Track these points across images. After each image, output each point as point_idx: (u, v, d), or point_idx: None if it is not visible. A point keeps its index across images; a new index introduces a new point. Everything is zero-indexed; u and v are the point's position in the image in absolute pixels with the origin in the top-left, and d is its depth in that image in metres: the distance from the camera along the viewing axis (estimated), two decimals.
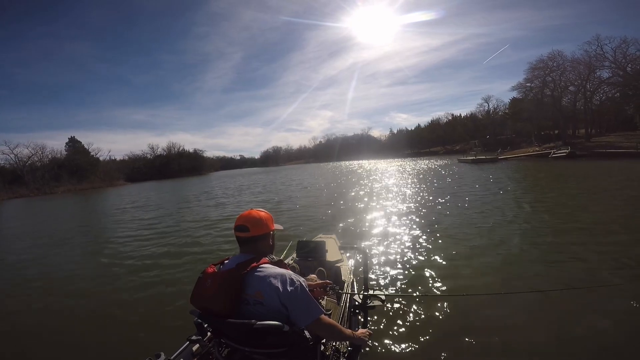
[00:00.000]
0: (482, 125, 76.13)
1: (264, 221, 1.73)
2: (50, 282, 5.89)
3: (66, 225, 13.65)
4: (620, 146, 30.58)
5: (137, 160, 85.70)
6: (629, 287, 3.78)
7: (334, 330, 1.64)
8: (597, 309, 3.35)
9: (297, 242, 3.46)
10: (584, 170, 18.17)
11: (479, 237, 6.32)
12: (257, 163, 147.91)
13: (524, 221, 7.29)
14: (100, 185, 60.57)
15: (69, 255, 7.84)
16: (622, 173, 15.35)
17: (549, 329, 3.07)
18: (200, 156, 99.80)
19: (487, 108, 78.67)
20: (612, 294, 3.62)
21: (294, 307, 1.51)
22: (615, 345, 2.80)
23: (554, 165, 24.41)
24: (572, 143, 37.10)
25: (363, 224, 8.25)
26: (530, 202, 9.53)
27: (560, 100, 45.25)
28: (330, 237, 4.32)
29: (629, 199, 8.87)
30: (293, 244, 3.71)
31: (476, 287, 4.07)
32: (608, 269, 4.39)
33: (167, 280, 5.30)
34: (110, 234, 10.27)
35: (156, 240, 8.61)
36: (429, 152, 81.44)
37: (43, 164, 63.47)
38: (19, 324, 4.24)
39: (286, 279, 1.53)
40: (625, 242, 5.33)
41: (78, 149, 69.95)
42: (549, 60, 44.15)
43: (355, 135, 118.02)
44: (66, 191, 54.44)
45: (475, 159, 34.71)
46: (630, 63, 37.14)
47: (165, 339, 3.31)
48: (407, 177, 22.39)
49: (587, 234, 5.98)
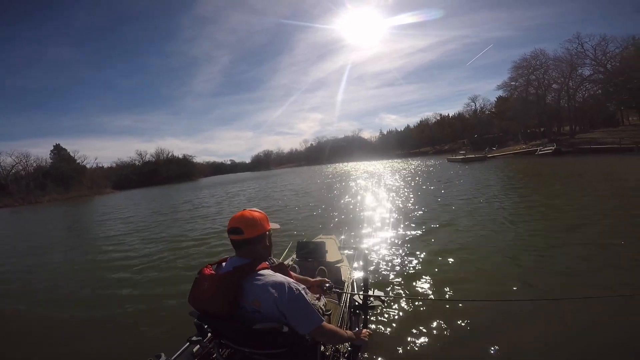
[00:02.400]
0: (470, 124, 77.27)
1: (259, 221, 1.65)
2: (50, 284, 5.88)
3: (56, 232, 13.35)
4: (604, 142, 31.26)
5: (124, 168, 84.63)
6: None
7: (334, 336, 1.63)
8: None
9: (297, 242, 3.46)
10: (574, 167, 18.44)
11: (481, 239, 6.13)
12: (248, 167, 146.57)
13: (527, 223, 6.90)
14: (87, 194, 59.51)
15: (65, 259, 7.80)
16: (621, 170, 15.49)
17: (552, 337, 2.96)
18: (189, 162, 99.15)
19: (474, 107, 80.00)
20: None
21: (293, 316, 1.48)
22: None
23: (541, 162, 24.81)
24: (558, 140, 37.78)
25: (363, 225, 8.19)
26: (532, 204, 9.08)
27: (544, 98, 46.21)
28: (330, 237, 4.32)
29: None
30: (293, 244, 3.72)
31: (477, 290, 4.01)
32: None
33: (167, 281, 5.30)
34: (106, 237, 10.21)
35: (156, 240, 8.59)
36: (418, 153, 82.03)
37: (27, 173, 62.22)
38: (19, 325, 4.26)
39: (284, 288, 1.49)
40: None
41: (63, 157, 68.64)
42: (532, 59, 45.08)
43: (346, 137, 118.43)
44: (52, 200, 53.36)
45: (465, 158, 35.09)
46: (610, 60, 38.16)
47: (166, 340, 3.32)
48: (402, 177, 22.45)
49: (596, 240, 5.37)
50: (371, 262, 5.12)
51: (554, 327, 3.05)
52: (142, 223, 13.03)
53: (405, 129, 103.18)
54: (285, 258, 3.64)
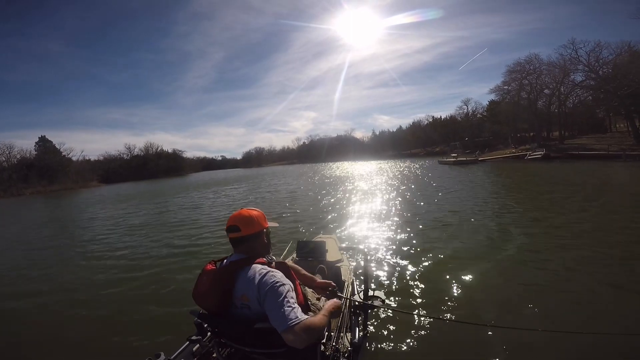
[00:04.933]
0: (461, 127, 77.73)
1: (256, 219, 1.70)
2: (49, 284, 5.73)
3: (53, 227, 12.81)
4: (592, 148, 31.70)
5: (112, 161, 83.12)
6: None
7: (311, 332, 1.39)
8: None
9: (297, 242, 3.50)
10: (565, 173, 18.50)
11: (482, 241, 6.12)
12: (239, 164, 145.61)
13: (526, 231, 6.49)
14: (72, 187, 58.17)
15: (62, 257, 7.66)
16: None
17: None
18: (179, 157, 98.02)
19: (467, 110, 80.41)
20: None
21: (268, 310, 1.42)
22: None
23: (532, 167, 24.93)
24: (547, 145, 38.24)
25: (362, 225, 8.22)
26: (534, 211, 8.54)
27: (535, 103, 46.73)
28: (330, 237, 4.32)
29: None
30: (293, 244, 3.78)
31: (477, 289, 4.01)
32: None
33: (167, 280, 5.25)
34: (102, 235, 9.95)
35: (155, 241, 8.44)
36: (410, 154, 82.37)
37: (10, 164, 60.49)
38: (18, 325, 4.20)
39: (265, 282, 1.46)
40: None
41: (48, 149, 66.93)
42: (526, 64, 45.38)
43: (339, 137, 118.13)
44: (35, 193, 52.12)
45: (457, 160, 35.23)
46: (602, 67, 38.52)
47: (166, 339, 3.29)
48: (398, 178, 22.38)
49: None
50: (371, 262, 5.12)
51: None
52: (139, 220, 12.65)
53: (398, 130, 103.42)
54: (285, 257, 3.64)
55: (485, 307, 3.59)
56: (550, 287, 3.95)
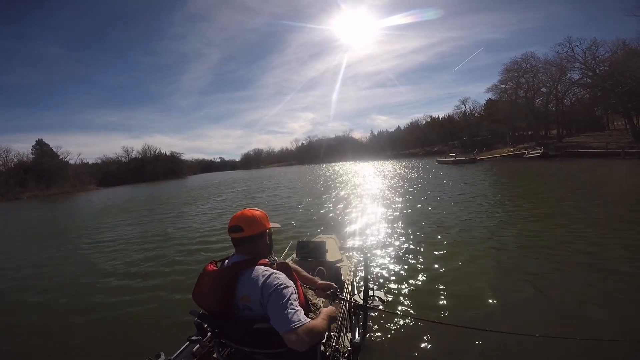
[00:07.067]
0: (459, 126, 77.79)
1: (258, 219, 1.68)
2: (49, 284, 5.78)
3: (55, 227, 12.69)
4: (590, 146, 31.72)
5: (110, 164, 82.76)
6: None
7: (314, 335, 1.40)
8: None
9: (297, 242, 3.50)
10: (565, 171, 18.50)
11: (483, 241, 6.06)
12: (238, 166, 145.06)
13: (530, 231, 6.45)
14: (70, 191, 57.84)
15: (64, 257, 7.64)
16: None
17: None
18: (178, 159, 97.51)
19: (464, 110, 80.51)
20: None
21: (270, 312, 1.41)
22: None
23: (530, 165, 24.97)
24: (545, 143, 38.24)
25: (362, 225, 8.21)
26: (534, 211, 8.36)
27: (533, 102, 46.77)
28: (330, 237, 4.31)
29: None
30: (293, 244, 3.78)
31: (476, 290, 3.97)
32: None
33: (167, 280, 5.27)
34: (103, 236, 9.96)
35: (155, 240, 8.45)
36: (408, 154, 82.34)
37: (8, 169, 60.19)
38: (18, 325, 4.21)
39: (269, 284, 1.45)
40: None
41: (45, 152, 66.47)
42: (523, 62, 45.41)
43: (337, 137, 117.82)
44: (32, 197, 51.88)
45: (455, 160, 35.22)
46: (599, 64, 38.58)
47: (165, 339, 3.27)
48: (397, 178, 22.37)
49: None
50: (371, 262, 5.05)
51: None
52: (139, 222, 12.62)
53: (396, 130, 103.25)
54: (285, 257, 3.60)
55: (485, 308, 3.55)
56: (551, 291, 3.86)
